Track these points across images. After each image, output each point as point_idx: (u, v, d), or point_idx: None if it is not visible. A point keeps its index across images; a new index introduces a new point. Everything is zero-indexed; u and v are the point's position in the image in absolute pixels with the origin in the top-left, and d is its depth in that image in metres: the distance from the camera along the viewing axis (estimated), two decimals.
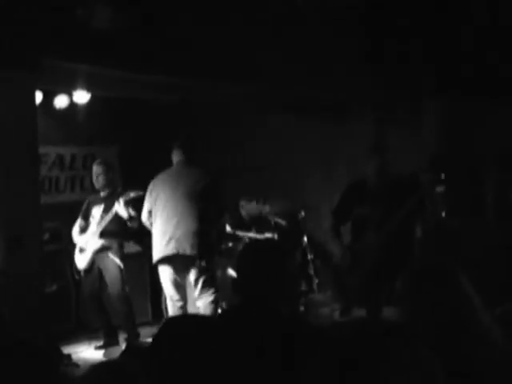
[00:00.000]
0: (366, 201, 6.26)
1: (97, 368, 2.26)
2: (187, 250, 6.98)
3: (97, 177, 7.85)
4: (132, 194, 7.49)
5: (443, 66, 7.69)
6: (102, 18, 5.84)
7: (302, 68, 7.66)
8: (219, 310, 7.16)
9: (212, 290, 7.16)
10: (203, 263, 7.05)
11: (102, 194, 7.91)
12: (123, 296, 7.69)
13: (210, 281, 7.17)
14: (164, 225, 7.12)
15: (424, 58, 7.73)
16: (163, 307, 8.18)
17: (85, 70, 6.43)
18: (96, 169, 7.85)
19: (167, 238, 7.04)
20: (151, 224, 7.28)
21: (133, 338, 7.64)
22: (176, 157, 7.37)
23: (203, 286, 7.11)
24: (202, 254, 7.03)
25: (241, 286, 3.21)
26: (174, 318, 3.65)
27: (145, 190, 7.49)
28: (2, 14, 5.48)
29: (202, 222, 7.06)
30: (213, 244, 7.41)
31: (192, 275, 7.13)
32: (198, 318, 3.07)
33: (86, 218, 7.91)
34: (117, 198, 7.59)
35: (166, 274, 7.25)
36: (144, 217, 7.34)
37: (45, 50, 5.72)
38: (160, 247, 7.11)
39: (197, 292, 7.15)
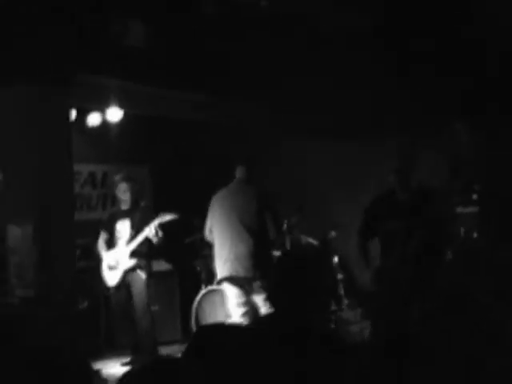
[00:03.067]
0: (392, 214, 6.13)
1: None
2: (241, 272, 7.01)
3: (124, 192, 7.84)
4: (167, 218, 7.55)
5: (472, 87, 7.65)
6: (136, 34, 5.89)
7: (330, 94, 7.68)
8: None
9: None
10: (257, 284, 7.06)
11: (124, 207, 7.91)
12: (147, 311, 7.68)
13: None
14: (221, 244, 7.19)
15: (452, 81, 7.69)
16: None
17: (117, 86, 6.48)
18: (123, 185, 7.84)
19: (223, 259, 7.11)
20: (212, 240, 7.33)
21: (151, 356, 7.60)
22: (238, 173, 7.38)
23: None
24: (256, 275, 7.02)
25: (275, 296, 3.19)
26: (206, 327, 3.63)
27: (177, 209, 7.61)
28: (37, 28, 5.54)
29: (257, 242, 7.07)
30: (268, 264, 7.25)
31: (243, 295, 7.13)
32: (229, 327, 3.07)
33: (110, 231, 7.91)
34: (143, 214, 7.70)
35: (228, 291, 7.24)
36: (206, 234, 7.41)
37: (79, 64, 5.77)
38: (219, 267, 7.19)
39: (240, 311, 7.10)
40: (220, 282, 7.26)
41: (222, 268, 7.13)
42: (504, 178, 7.59)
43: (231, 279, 7.08)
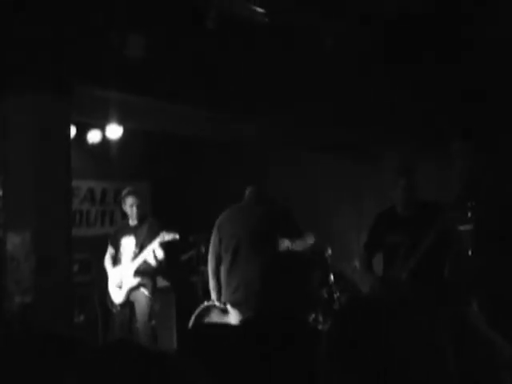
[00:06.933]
0: (396, 228, 6.20)
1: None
2: (251, 300, 6.79)
3: (131, 207, 7.86)
4: (167, 237, 7.56)
5: (471, 108, 7.71)
6: (137, 46, 5.95)
7: (333, 109, 7.73)
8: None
9: None
10: None
11: (131, 222, 7.97)
12: (149, 328, 7.73)
13: None
14: (230, 269, 6.93)
15: (450, 101, 7.76)
16: None
17: (118, 99, 6.52)
18: (131, 199, 7.86)
19: (235, 284, 6.85)
20: (216, 265, 7.08)
21: None
22: (248, 193, 7.15)
23: None
24: None
25: (265, 298, 3.23)
26: (200, 326, 3.67)
27: (175, 226, 7.65)
28: (37, 39, 5.61)
29: None
30: None
31: None
32: (220, 327, 3.10)
33: (116, 246, 7.97)
34: (148, 231, 7.73)
35: (233, 316, 6.97)
36: (210, 258, 7.14)
37: (78, 76, 5.82)
38: (227, 292, 6.92)
39: None
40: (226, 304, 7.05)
41: (232, 294, 6.86)
42: (501, 196, 7.63)
43: (239, 305, 6.80)
